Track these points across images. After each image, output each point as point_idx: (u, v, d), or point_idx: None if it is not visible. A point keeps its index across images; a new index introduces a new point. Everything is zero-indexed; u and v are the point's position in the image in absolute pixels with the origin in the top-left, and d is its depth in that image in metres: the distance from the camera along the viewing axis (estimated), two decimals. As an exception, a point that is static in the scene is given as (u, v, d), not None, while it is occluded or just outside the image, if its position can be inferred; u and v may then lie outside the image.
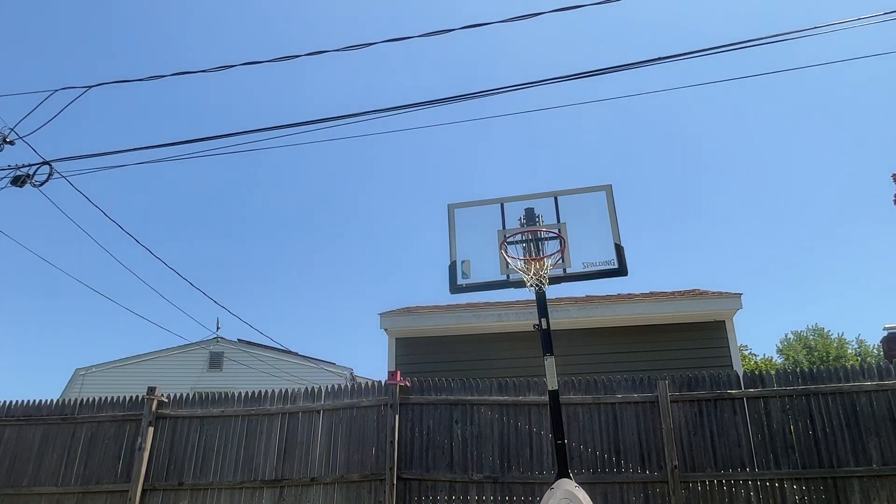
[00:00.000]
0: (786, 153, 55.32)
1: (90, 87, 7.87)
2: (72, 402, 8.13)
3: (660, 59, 6.55)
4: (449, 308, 10.28)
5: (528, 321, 8.78)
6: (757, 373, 6.90)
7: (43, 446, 7.86)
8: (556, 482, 5.08)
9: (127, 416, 7.81)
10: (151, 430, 7.65)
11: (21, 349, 42.25)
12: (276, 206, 46.83)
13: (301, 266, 52.15)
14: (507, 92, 6.90)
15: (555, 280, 5.98)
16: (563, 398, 6.65)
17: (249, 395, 7.78)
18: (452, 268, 6.35)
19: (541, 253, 6.09)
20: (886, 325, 12.88)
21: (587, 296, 10.27)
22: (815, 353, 40.68)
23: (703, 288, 10.39)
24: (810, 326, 43.32)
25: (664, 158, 54.53)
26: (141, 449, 7.53)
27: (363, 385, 7.70)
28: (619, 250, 6.08)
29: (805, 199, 59.59)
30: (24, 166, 8.16)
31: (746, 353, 30.08)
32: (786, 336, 43.41)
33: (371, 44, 6.88)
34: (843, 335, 42.21)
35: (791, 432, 6.57)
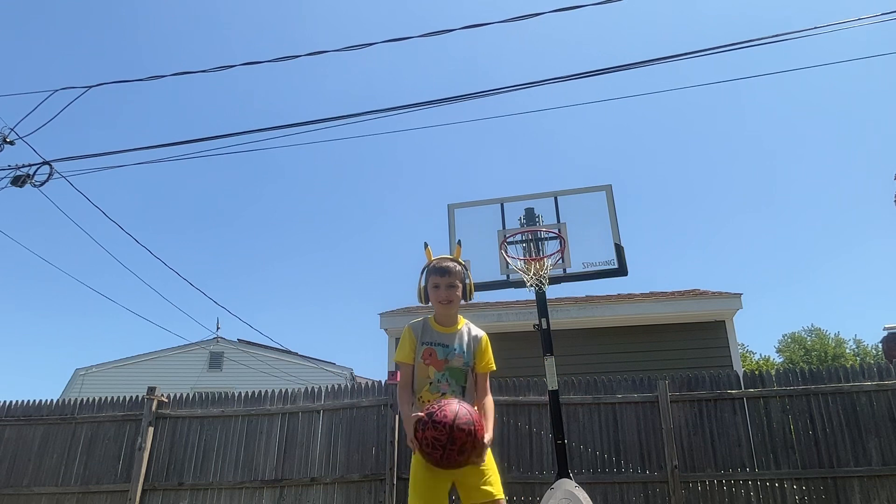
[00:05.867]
0: (786, 153, 55.33)
1: (90, 87, 7.88)
2: (72, 402, 8.12)
3: (660, 59, 6.55)
4: (449, 308, 10.24)
5: (528, 321, 8.76)
6: (757, 373, 6.90)
7: (43, 446, 7.85)
8: (556, 482, 5.07)
9: (127, 416, 7.80)
10: (151, 430, 7.64)
11: (21, 349, 42.25)
12: (275, 206, 46.82)
13: (301, 266, 52.14)
14: (508, 92, 6.91)
15: (555, 280, 5.96)
16: (563, 398, 6.65)
17: (249, 395, 7.77)
18: (452, 268, 6.32)
19: (541, 253, 6.07)
20: (886, 325, 12.85)
21: (587, 296, 10.27)
22: (814, 354, 40.70)
23: (703, 288, 10.39)
24: (807, 327, 43.38)
25: (664, 158, 54.52)
26: (141, 449, 7.52)
27: (363, 385, 7.70)
28: (619, 250, 6.06)
29: (805, 199, 59.63)
30: (24, 166, 8.16)
31: (744, 351, 30.07)
32: (783, 337, 43.49)
33: (371, 44, 6.89)
34: (839, 334, 42.29)
35: (791, 432, 6.57)
